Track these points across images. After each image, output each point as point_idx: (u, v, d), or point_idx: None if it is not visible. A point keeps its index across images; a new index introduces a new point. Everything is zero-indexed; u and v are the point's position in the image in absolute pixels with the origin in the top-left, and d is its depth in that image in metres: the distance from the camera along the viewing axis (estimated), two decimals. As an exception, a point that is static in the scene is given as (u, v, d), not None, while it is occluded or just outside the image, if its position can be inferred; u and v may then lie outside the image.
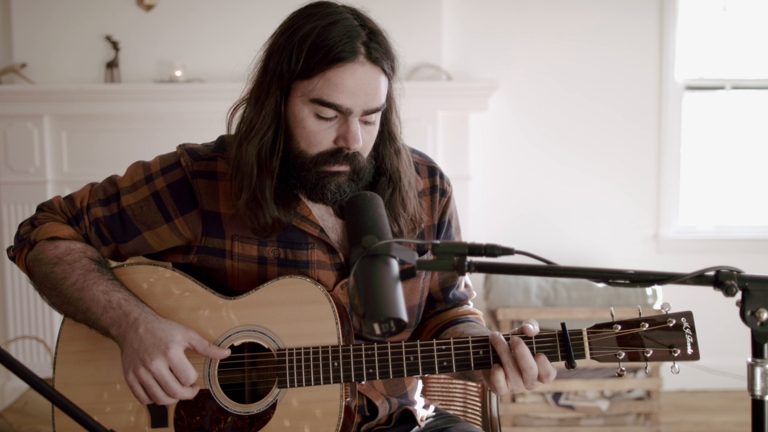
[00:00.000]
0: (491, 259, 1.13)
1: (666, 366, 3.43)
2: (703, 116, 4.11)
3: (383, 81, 1.39)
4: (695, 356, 1.35)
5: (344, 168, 1.39)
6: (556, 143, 3.97)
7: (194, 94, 3.69)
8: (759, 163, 4.16)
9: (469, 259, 1.12)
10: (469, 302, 1.69)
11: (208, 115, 3.73)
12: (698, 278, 1.10)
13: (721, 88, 4.10)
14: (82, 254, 1.47)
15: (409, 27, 3.66)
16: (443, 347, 1.37)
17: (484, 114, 3.74)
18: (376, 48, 1.37)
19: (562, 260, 3.85)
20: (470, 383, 1.86)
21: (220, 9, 3.79)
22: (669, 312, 1.38)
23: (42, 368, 3.58)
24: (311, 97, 1.35)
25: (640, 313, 1.40)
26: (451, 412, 1.84)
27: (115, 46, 3.74)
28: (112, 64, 3.75)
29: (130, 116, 3.75)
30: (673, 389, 3.92)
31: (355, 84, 1.34)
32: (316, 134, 1.38)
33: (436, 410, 1.68)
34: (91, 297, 1.42)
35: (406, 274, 1.45)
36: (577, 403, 3.42)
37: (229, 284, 1.49)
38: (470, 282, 1.71)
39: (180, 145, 1.54)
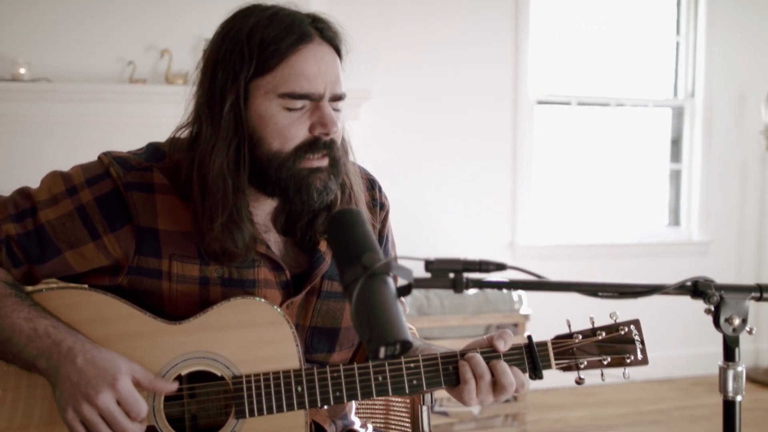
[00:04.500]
0: (484, 275, 1.11)
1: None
2: (553, 130, 4.39)
3: (339, 63, 1.33)
4: (645, 361, 1.41)
5: (324, 162, 1.31)
6: (423, 154, 4.05)
7: (41, 95, 3.36)
8: (600, 173, 4.49)
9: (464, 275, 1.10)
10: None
11: (56, 119, 3.44)
12: (679, 288, 1.15)
13: (568, 103, 4.39)
14: (-6, 278, 1.28)
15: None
16: (412, 365, 1.33)
17: (355, 123, 3.73)
18: (325, 28, 1.32)
19: (427, 268, 3.95)
20: (394, 398, 1.84)
21: (68, 1, 3.48)
22: (618, 321, 1.43)
23: None
24: (279, 92, 1.27)
25: (593, 323, 1.44)
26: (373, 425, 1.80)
27: (-57, 37, 3.32)
28: (-60, 58, 3.32)
29: (-39, 117, 3.34)
30: (530, 389, 4.12)
31: (317, 66, 1.28)
32: (289, 127, 1.28)
33: (374, 429, 1.64)
34: (12, 325, 1.23)
35: (401, 292, 1.41)
36: (450, 409, 3.49)
37: (165, 308, 1.35)
38: (403, 298, 1.68)
39: (104, 154, 1.38)
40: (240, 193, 1.30)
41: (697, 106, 4.59)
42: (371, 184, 1.57)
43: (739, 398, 1.12)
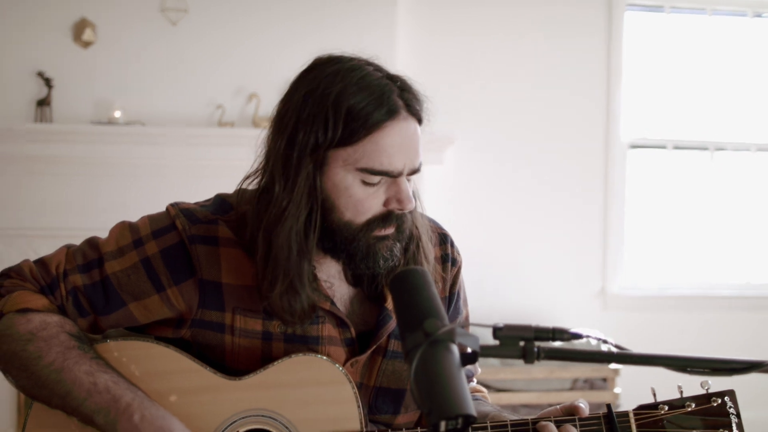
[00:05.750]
0: (558, 344, 1.03)
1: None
2: (647, 174, 4.21)
3: (419, 134, 1.28)
4: (741, 437, 1.28)
5: (392, 230, 1.28)
6: (508, 198, 3.96)
7: (135, 138, 3.47)
8: (698, 221, 4.27)
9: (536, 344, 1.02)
10: (474, 379, 1.58)
11: (149, 161, 3.55)
12: (780, 366, 1.03)
13: (663, 147, 4.20)
14: (60, 329, 1.27)
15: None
16: (480, 433, 1.25)
17: (440, 167, 3.68)
18: (411, 98, 1.26)
19: (512, 315, 3.83)
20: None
21: (163, 48, 3.61)
22: (710, 390, 1.30)
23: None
24: (359, 165, 1.23)
25: (681, 393, 1.32)
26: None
27: (47, 83, 3.49)
28: (43, 102, 3.49)
29: (60, 159, 3.48)
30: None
31: (401, 143, 1.23)
32: (364, 201, 1.25)
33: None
34: (73, 379, 1.22)
35: (466, 360, 1.34)
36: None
37: (226, 362, 1.32)
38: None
39: (172, 205, 1.37)
40: (305, 257, 1.26)
41: (806, 149, 4.31)
42: (442, 239, 1.50)
43: None
